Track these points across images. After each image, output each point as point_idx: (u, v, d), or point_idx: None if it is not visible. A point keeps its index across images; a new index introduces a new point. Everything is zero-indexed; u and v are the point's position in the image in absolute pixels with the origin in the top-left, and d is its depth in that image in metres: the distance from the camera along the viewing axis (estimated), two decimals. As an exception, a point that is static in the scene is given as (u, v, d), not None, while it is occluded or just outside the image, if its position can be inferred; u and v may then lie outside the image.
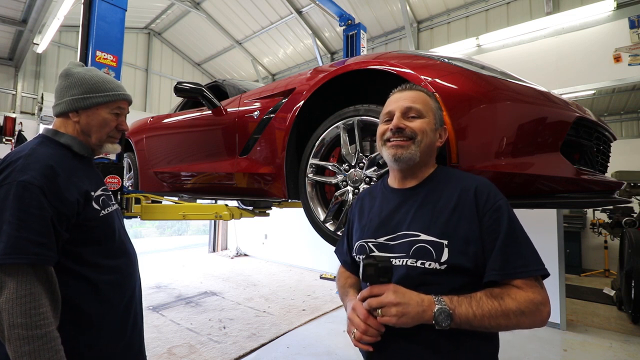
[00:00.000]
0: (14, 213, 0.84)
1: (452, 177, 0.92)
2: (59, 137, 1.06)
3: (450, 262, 0.79)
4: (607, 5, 3.84)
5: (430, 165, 0.95)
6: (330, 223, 1.49)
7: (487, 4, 5.11)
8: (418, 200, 0.89)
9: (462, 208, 0.83)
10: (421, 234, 0.83)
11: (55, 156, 0.98)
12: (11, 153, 0.99)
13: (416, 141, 0.88)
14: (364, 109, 1.37)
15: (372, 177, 1.33)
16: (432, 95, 0.98)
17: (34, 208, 0.86)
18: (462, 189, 0.85)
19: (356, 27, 4.50)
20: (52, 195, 0.90)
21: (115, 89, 1.13)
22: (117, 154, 2.03)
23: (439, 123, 0.95)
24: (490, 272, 0.77)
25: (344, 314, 3.38)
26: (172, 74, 8.34)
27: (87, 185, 1.02)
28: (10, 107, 5.75)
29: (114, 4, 2.05)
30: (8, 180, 0.87)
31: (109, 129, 1.12)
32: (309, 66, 7.17)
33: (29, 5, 4.33)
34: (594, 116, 1.34)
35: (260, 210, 2.84)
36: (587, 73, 3.86)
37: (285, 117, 1.66)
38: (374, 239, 0.91)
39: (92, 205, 1.01)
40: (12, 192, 0.85)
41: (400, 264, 0.84)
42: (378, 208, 0.96)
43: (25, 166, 0.90)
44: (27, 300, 0.80)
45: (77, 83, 1.07)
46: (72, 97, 1.06)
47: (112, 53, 2.03)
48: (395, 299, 0.74)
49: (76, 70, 1.10)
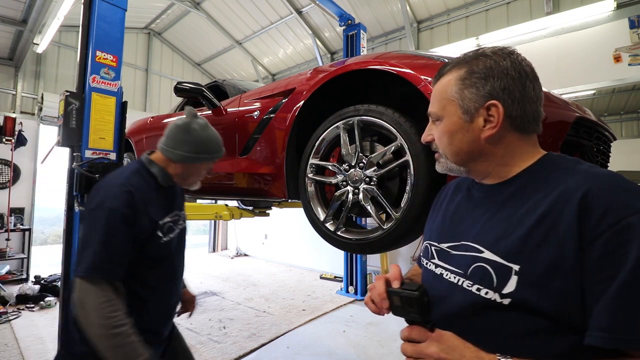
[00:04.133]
0: (102, 235, 1.05)
1: (559, 170, 0.62)
2: (152, 166, 1.26)
3: (517, 296, 0.55)
4: (607, 5, 3.84)
5: (512, 161, 0.66)
6: (330, 223, 1.49)
7: (487, 4, 5.11)
8: (497, 203, 0.66)
9: (555, 220, 0.55)
10: (485, 251, 0.62)
11: (143, 187, 1.20)
12: (111, 177, 1.21)
13: (441, 154, 0.72)
14: (364, 109, 1.37)
15: (372, 177, 1.33)
16: (463, 62, 0.69)
17: (117, 233, 1.07)
18: (562, 191, 0.56)
19: (356, 27, 4.50)
20: (133, 223, 1.11)
21: (218, 149, 1.32)
22: (117, 154, 2.03)
23: (476, 104, 0.65)
24: (597, 334, 0.49)
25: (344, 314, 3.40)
26: (172, 74, 8.33)
27: (159, 214, 1.23)
28: (10, 107, 5.74)
29: (114, 4, 2.05)
30: (104, 206, 1.08)
31: (201, 177, 1.35)
32: (309, 66, 7.16)
33: (29, 5, 4.33)
34: (594, 116, 1.34)
35: (260, 210, 2.84)
36: (587, 73, 3.86)
37: (285, 117, 1.66)
38: (437, 243, 0.75)
39: (157, 234, 1.20)
40: (104, 217, 1.06)
41: (455, 282, 0.65)
42: (455, 206, 0.77)
43: (119, 195, 1.11)
44: (105, 306, 1.00)
45: (192, 142, 1.25)
46: (184, 154, 1.24)
47: (112, 53, 2.03)
48: (438, 353, 0.55)
49: (194, 127, 1.26)
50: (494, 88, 0.64)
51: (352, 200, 1.39)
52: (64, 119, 1.89)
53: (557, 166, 0.63)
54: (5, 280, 4.73)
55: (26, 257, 5.35)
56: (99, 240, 1.04)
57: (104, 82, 1.99)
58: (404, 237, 1.27)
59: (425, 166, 1.19)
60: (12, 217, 5.30)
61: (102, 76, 1.99)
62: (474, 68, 0.66)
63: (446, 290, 0.66)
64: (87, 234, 1.08)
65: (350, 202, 1.39)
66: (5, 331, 3.42)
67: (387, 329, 3.68)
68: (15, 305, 4.09)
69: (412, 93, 1.29)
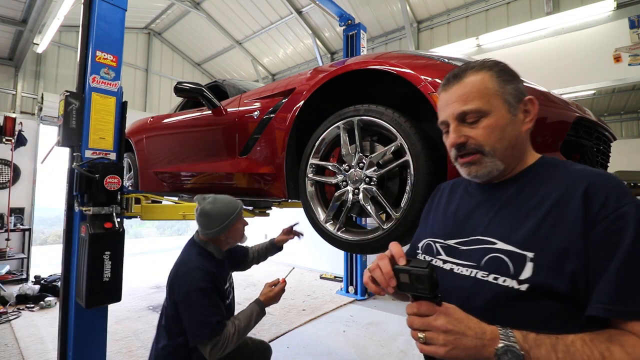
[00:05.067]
0: (205, 308, 1.43)
1: (557, 170, 0.69)
2: (207, 246, 1.64)
3: (534, 281, 0.59)
4: (607, 5, 3.85)
5: (524, 158, 0.73)
6: (330, 223, 1.49)
7: (487, 4, 5.11)
8: (502, 199, 0.71)
9: (563, 211, 0.61)
10: (498, 242, 0.65)
11: (210, 264, 1.57)
12: (184, 263, 1.57)
13: (487, 152, 0.69)
14: (364, 109, 1.37)
15: (372, 177, 1.33)
16: (487, 65, 0.72)
17: (214, 302, 1.48)
18: (568, 186, 0.64)
19: (356, 27, 4.50)
20: (217, 292, 1.52)
21: (236, 206, 1.64)
22: (117, 154, 2.03)
23: (516, 99, 0.70)
24: (596, 305, 0.55)
25: (344, 314, 3.38)
26: (172, 74, 8.33)
27: (222, 283, 1.59)
28: (10, 107, 5.74)
29: (114, 4, 2.05)
30: (196, 288, 1.44)
31: (244, 230, 1.72)
32: (309, 66, 7.16)
33: (29, 5, 4.33)
34: (594, 116, 1.34)
35: (260, 210, 2.83)
36: (587, 73, 3.86)
37: (285, 117, 1.66)
38: (444, 240, 0.77)
39: (224, 299, 1.59)
40: (200, 296, 1.44)
41: (467, 275, 0.68)
42: (455, 205, 0.80)
43: (201, 276, 1.48)
44: (223, 350, 1.44)
45: (217, 217, 1.57)
46: (219, 228, 1.58)
47: (112, 53, 2.03)
48: (445, 325, 0.57)
49: (208, 208, 1.58)
50: (521, 86, 0.72)
51: (352, 200, 1.39)
52: (64, 119, 1.89)
53: (555, 166, 0.71)
54: (5, 280, 4.73)
55: (26, 257, 5.35)
56: (204, 313, 1.41)
57: (104, 82, 1.99)
58: (404, 237, 1.27)
59: (425, 166, 1.19)
60: (12, 217, 5.30)
61: (102, 76, 1.98)
62: (502, 68, 0.72)
63: (458, 283, 0.68)
64: (189, 313, 1.43)
65: (350, 202, 1.39)
66: (5, 331, 3.42)
67: (387, 329, 3.68)
68: (15, 305, 4.08)
69: (412, 93, 1.29)
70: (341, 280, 5.27)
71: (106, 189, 1.88)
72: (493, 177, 0.73)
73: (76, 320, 1.90)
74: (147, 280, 5.57)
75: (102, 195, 1.88)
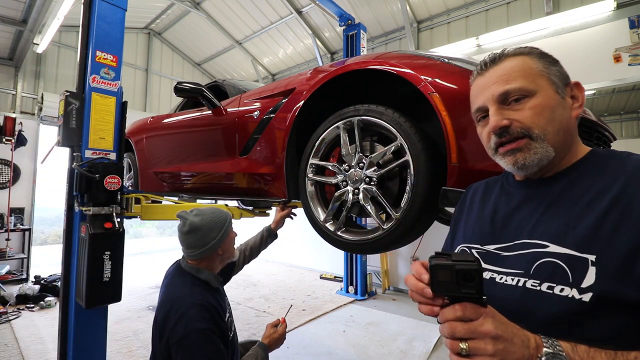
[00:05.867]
0: (206, 356, 1.17)
1: (615, 161, 0.60)
2: (200, 273, 1.39)
3: (599, 289, 0.50)
4: (607, 5, 3.84)
5: (574, 150, 0.64)
6: (330, 223, 1.49)
7: (487, 4, 5.11)
8: (550, 196, 0.62)
9: (627, 204, 0.53)
10: (550, 245, 0.56)
11: (207, 296, 1.31)
12: (178, 297, 1.28)
13: (536, 136, 0.60)
14: (364, 109, 1.37)
15: (372, 177, 1.33)
16: (525, 50, 0.66)
17: (216, 347, 1.21)
18: (630, 176, 0.55)
19: (356, 27, 4.50)
20: (219, 333, 1.25)
21: (226, 212, 1.48)
22: (117, 154, 2.03)
23: (562, 81, 0.63)
24: None
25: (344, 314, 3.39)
26: (172, 74, 8.33)
27: (223, 316, 1.35)
28: (10, 107, 5.74)
29: (114, 4, 2.05)
30: (194, 330, 1.18)
31: (235, 244, 1.55)
32: (309, 66, 7.16)
33: (29, 5, 4.33)
34: (594, 116, 1.34)
35: (260, 210, 2.83)
36: (587, 73, 3.86)
37: (285, 117, 1.66)
38: (480, 245, 0.68)
39: (227, 333, 1.35)
40: (200, 340, 1.18)
41: (513, 284, 0.58)
42: (492, 206, 0.71)
43: (200, 315, 1.22)
44: None
45: (210, 228, 1.39)
46: (217, 239, 1.40)
47: (112, 53, 2.03)
48: (495, 330, 0.46)
49: (198, 220, 1.38)
50: (565, 71, 0.65)
51: (352, 200, 1.39)
52: (64, 119, 1.89)
53: (609, 157, 0.62)
54: (5, 280, 4.73)
55: (26, 257, 5.35)
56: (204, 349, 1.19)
57: (104, 82, 1.99)
58: (404, 237, 1.27)
59: (425, 166, 1.19)
60: (12, 217, 5.30)
61: (102, 76, 1.98)
62: (542, 52, 0.66)
63: (503, 294, 0.58)
64: (191, 358, 1.19)
65: (350, 202, 1.39)
66: (5, 331, 3.42)
67: (387, 329, 3.68)
68: (15, 305, 4.08)
69: (412, 93, 1.29)
70: (341, 280, 5.27)
71: (106, 189, 1.88)
72: (542, 167, 0.63)
73: (76, 320, 1.89)
74: (147, 280, 5.57)
75: (102, 195, 1.88)
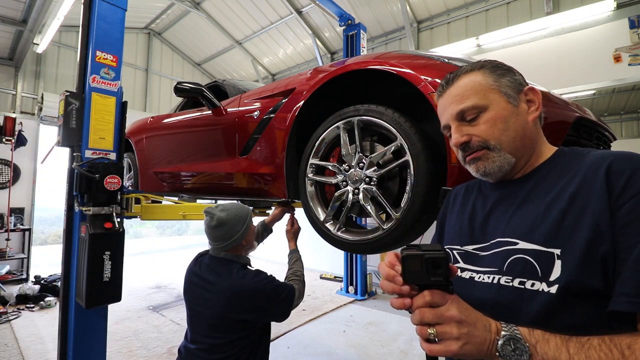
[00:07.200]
0: (276, 288, 1.48)
1: (577, 158, 0.64)
2: (240, 259, 1.55)
3: (564, 280, 0.53)
4: (607, 5, 3.85)
5: (539, 152, 0.69)
6: (330, 223, 1.49)
7: (487, 4, 5.11)
8: (520, 196, 0.66)
9: (586, 197, 0.56)
10: (520, 242, 0.60)
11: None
12: (239, 278, 1.44)
13: (493, 146, 0.66)
14: (364, 109, 1.37)
15: (372, 177, 1.33)
16: (478, 65, 0.71)
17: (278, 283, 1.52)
18: (588, 169, 0.59)
19: (356, 27, 4.50)
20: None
21: (247, 207, 1.62)
22: (117, 154, 2.03)
23: (515, 90, 0.68)
24: (618, 299, 0.49)
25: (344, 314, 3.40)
26: (172, 74, 8.33)
27: None
28: (10, 107, 5.74)
29: (114, 4, 2.05)
30: (260, 285, 1.45)
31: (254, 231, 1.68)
32: (309, 66, 7.16)
33: (29, 5, 4.33)
34: (594, 116, 1.34)
35: (260, 210, 2.83)
36: (587, 73, 3.86)
37: (285, 117, 1.66)
38: (460, 246, 0.72)
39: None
40: (268, 288, 1.45)
41: (489, 282, 0.62)
42: (471, 207, 0.75)
43: (262, 276, 1.48)
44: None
45: (236, 221, 1.51)
46: (242, 230, 1.53)
47: (112, 53, 2.03)
48: (459, 315, 0.50)
49: (224, 215, 1.50)
50: (519, 77, 0.70)
51: (352, 200, 1.39)
52: (64, 119, 1.89)
53: (573, 155, 0.66)
54: (5, 280, 4.73)
55: (26, 257, 5.35)
56: (279, 291, 1.46)
57: (104, 82, 1.99)
58: (404, 237, 1.27)
59: (425, 166, 1.19)
60: (12, 217, 5.30)
61: (102, 76, 1.99)
62: (494, 64, 0.71)
63: (480, 293, 0.63)
64: (271, 299, 1.44)
65: (350, 202, 1.39)
66: (5, 331, 3.42)
67: (387, 329, 3.68)
68: (15, 305, 4.09)
69: (412, 93, 1.29)
70: (341, 280, 5.27)
71: (106, 189, 1.88)
72: (506, 173, 0.68)
73: (76, 320, 1.90)
74: (147, 280, 5.58)
75: (102, 195, 1.88)
